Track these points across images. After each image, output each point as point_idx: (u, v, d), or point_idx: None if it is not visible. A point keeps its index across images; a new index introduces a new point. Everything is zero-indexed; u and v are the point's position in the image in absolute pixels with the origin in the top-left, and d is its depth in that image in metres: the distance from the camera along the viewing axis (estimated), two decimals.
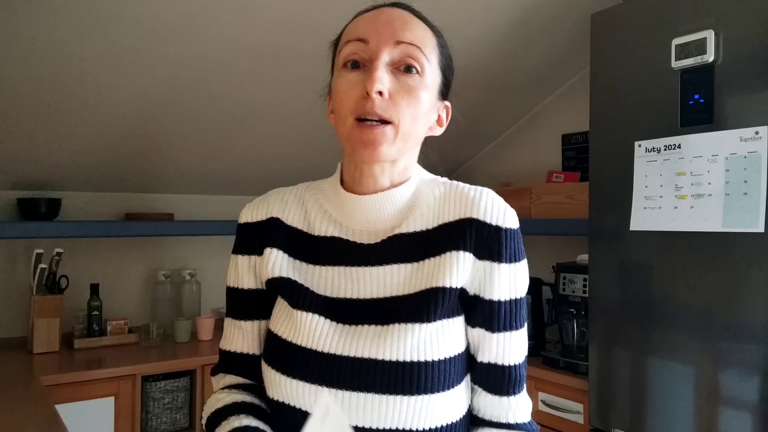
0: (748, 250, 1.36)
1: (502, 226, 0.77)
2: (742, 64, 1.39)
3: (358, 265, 0.79)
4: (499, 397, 0.80)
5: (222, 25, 1.79)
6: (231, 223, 2.56)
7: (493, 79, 2.44)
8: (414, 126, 0.75)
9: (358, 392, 0.72)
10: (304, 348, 0.76)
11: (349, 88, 0.74)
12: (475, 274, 0.77)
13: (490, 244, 0.77)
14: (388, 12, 0.77)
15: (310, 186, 0.88)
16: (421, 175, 0.84)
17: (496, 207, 0.78)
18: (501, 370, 0.79)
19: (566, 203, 2.27)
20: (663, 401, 1.52)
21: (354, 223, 0.81)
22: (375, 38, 0.74)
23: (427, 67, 0.75)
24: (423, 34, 0.76)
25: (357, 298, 0.78)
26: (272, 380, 0.78)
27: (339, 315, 0.77)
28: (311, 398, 0.74)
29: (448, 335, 0.76)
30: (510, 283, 0.78)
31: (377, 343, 0.73)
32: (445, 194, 0.81)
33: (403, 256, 0.78)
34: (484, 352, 0.79)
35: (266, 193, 0.89)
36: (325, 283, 0.80)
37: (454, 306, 0.77)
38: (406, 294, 0.76)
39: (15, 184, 2.33)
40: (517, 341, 0.79)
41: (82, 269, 2.45)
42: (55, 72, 1.81)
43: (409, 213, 0.80)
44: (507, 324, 0.78)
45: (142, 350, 2.23)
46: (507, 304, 0.78)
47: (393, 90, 0.73)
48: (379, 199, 0.79)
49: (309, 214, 0.84)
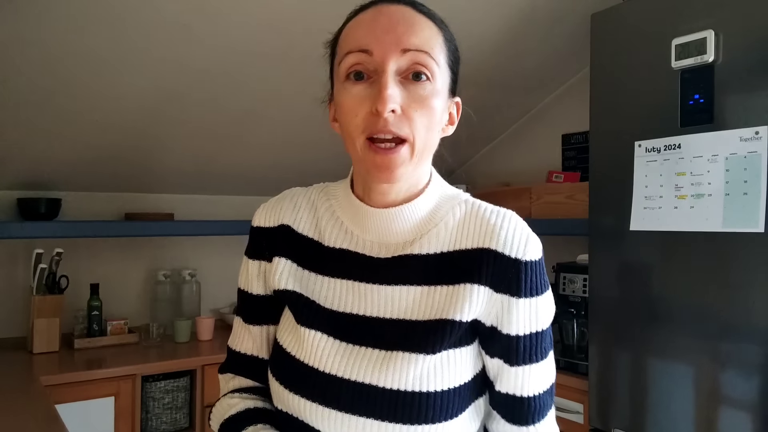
0: (748, 250, 1.36)
1: (522, 259, 0.73)
2: (742, 64, 1.39)
3: (366, 282, 0.76)
4: (518, 426, 0.76)
5: (222, 27, 1.79)
6: (231, 223, 2.58)
7: (493, 79, 2.44)
8: (429, 138, 0.71)
9: (358, 416, 0.71)
10: (307, 365, 0.75)
11: (356, 105, 0.69)
12: (492, 307, 0.73)
13: (508, 278, 0.72)
14: (389, 13, 0.71)
15: (324, 190, 0.85)
16: (442, 189, 0.80)
17: (518, 237, 0.74)
18: (520, 401, 0.75)
19: (566, 203, 2.27)
20: (663, 401, 1.52)
21: (366, 233, 0.78)
22: (379, 48, 0.68)
23: (437, 71, 0.70)
24: (429, 35, 0.71)
25: (363, 314, 0.76)
26: (276, 392, 0.78)
27: (343, 332, 0.75)
28: (312, 415, 0.73)
29: (453, 366, 0.73)
30: (529, 317, 0.73)
31: (379, 370, 0.72)
32: (465, 216, 0.77)
33: (414, 277, 0.75)
34: (502, 382, 0.76)
35: (281, 194, 0.86)
36: (333, 296, 0.78)
37: (463, 336, 0.74)
38: (414, 320, 0.74)
39: (15, 184, 2.33)
40: (537, 373, 0.75)
41: (82, 269, 2.45)
42: (56, 73, 1.81)
43: (426, 231, 0.76)
44: (527, 358, 0.74)
45: (142, 350, 2.23)
46: (526, 339, 0.74)
47: (405, 103, 0.68)
48: (394, 214, 0.75)
49: (321, 221, 0.81)
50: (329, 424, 0.72)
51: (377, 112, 0.67)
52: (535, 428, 0.76)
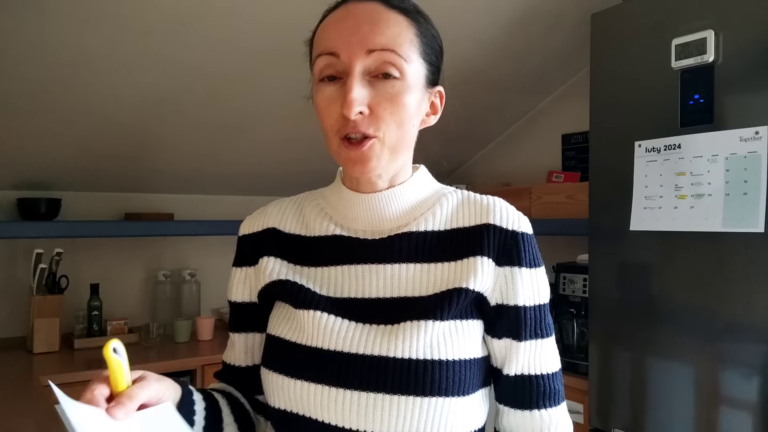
0: (748, 250, 1.36)
1: (519, 231, 0.76)
2: (742, 64, 1.39)
3: (363, 263, 0.76)
4: (530, 411, 0.75)
5: (222, 27, 1.79)
6: (231, 223, 2.57)
7: (493, 79, 2.44)
8: (401, 133, 0.72)
9: (368, 392, 0.68)
10: (309, 347, 0.72)
11: (329, 105, 0.71)
12: (496, 282, 0.74)
13: (509, 249, 0.75)
14: (356, 13, 0.71)
15: (311, 193, 0.86)
16: (433, 184, 0.83)
17: (511, 213, 0.77)
18: (530, 380, 0.75)
19: (566, 203, 2.27)
20: (663, 401, 1.52)
21: (356, 223, 0.78)
22: (345, 50, 0.69)
23: (406, 67, 0.70)
24: (396, 33, 0.71)
25: (364, 297, 0.74)
26: (274, 384, 0.74)
27: (346, 313, 0.74)
28: (317, 400, 0.70)
29: (462, 337, 0.72)
30: (533, 288, 0.75)
31: (388, 341, 0.70)
32: (458, 201, 0.79)
33: (413, 255, 0.75)
34: (512, 363, 0.75)
35: (266, 205, 0.87)
36: (329, 283, 0.76)
37: (469, 309, 0.74)
38: (419, 296, 0.73)
39: (15, 184, 2.33)
40: (547, 349, 0.76)
41: (82, 269, 2.45)
42: (56, 73, 1.81)
43: (418, 214, 0.78)
44: (534, 331, 0.75)
45: (142, 350, 2.23)
46: (532, 310, 0.75)
47: (373, 102, 0.69)
48: (383, 197, 0.77)
49: (307, 218, 0.82)
50: (336, 407, 0.69)
51: (344, 113, 0.68)
52: (548, 413, 0.75)
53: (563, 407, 0.78)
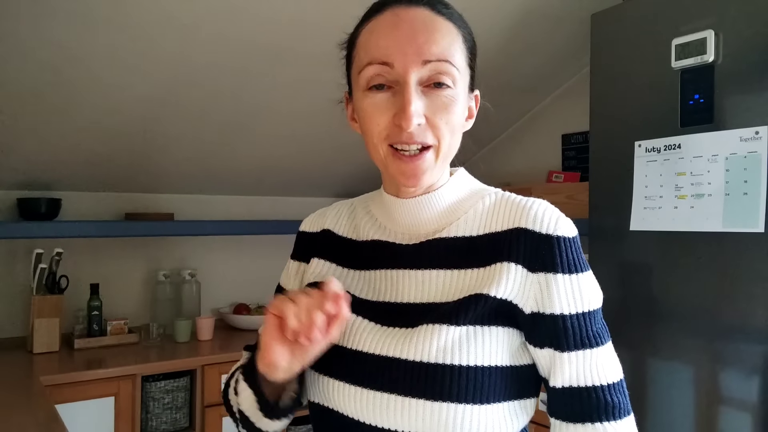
0: (748, 250, 1.36)
1: (554, 234, 0.71)
2: (742, 64, 1.39)
3: (397, 268, 0.77)
4: (582, 424, 0.69)
5: (223, 24, 1.79)
6: (231, 223, 2.58)
7: (493, 79, 2.43)
8: (453, 140, 0.73)
9: (382, 392, 0.69)
10: (335, 345, 0.74)
11: (378, 113, 0.70)
12: (530, 289, 0.70)
13: (542, 254, 0.70)
14: (408, 19, 0.70)
15: (365, 196, 0.89)
16: (471, 184, 0.82)
17: (548, 215, 0.72)
18: (578, 393, 0.69)
19: (566, 203, 2.27)
20: (663, 401, 1.52)
21: (396, 225, 0.80)
22: (400, 60, 0.68)
23: (458, 76, 0.71)
24: (450, 41, 0.70)
25: (395, 301, 0.75)
26: (308, 379, 0.79)
27: (375, 316, 0.76)
28: (339, 395, 0.73)
29: (481, 343, 0.69)
30: (572, 295, 0.70)
31: (402, 343, 0.70)
32: (495, 203, 0.77)
33: (444, 261, 0.74)
34: (557, 375, 0.70)
35: (329, 206, 0.91)
36: (367, 287, 0.79)
37: (493, 315, 0.70)
38: (444, 302, 0.72)
39: (15, 184, 2.33)
40: (598, 360, 0.70)
41: (82, 269, 2.45)
42: (56, 73, 1.81)
43: (455, 218, 0.77)
44: (580, 341, 0.70)
45: (142, 350, 2.22)
46: (573, 319, 0.70)
47: (429, 112, 0.69)
48: (420, 201, 0.77)
49: (358, 220, 0.85)
50: (353, 403, 0.72)
51: (402, 126, 0.68)
52: (603, 428, 0.68)
53: (626, 423, 0.70)
